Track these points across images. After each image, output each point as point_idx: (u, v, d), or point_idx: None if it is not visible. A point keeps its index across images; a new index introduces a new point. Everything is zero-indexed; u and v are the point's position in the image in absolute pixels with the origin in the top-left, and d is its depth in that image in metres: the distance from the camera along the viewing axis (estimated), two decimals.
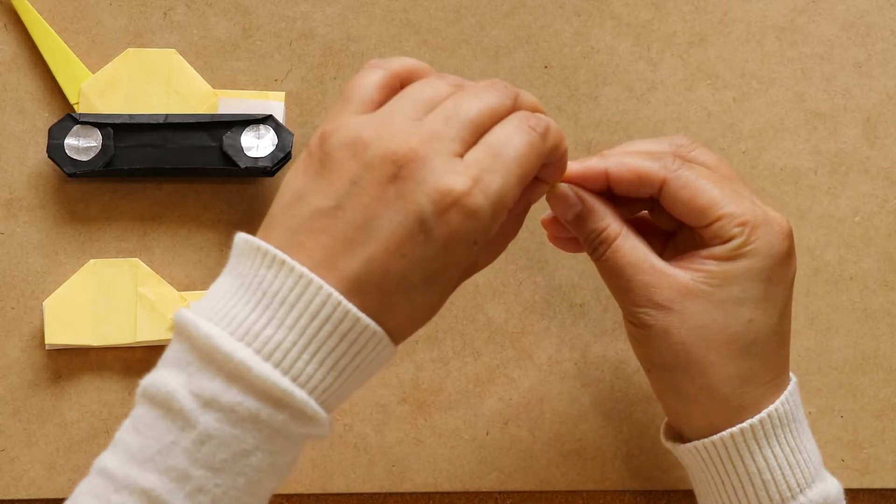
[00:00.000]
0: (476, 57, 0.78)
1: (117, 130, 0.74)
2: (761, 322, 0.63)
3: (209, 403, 0.55)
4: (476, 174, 0.56)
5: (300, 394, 0.55)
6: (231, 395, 0.55)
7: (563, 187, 0.64)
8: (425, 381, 0.75)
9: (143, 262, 0.75)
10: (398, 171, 0.55)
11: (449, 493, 0.75)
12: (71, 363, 0.74)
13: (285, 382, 0.55)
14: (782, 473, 0.63)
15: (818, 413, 0.76)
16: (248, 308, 0.56)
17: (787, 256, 0.63)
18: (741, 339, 0.62)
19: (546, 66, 0.78)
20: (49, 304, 0.73)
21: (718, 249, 0.62)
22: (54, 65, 0.76)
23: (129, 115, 0.74)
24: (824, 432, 0.76)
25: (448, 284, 0.58)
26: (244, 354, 0.55)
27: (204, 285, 0.75)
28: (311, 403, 0.56)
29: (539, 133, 0.58)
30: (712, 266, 0.62)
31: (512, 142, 0.57)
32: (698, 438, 0.64)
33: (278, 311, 0.55)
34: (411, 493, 0.75)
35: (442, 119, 0.57)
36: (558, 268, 0.76)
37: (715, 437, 0.63)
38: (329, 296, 0.55)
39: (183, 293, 0.74)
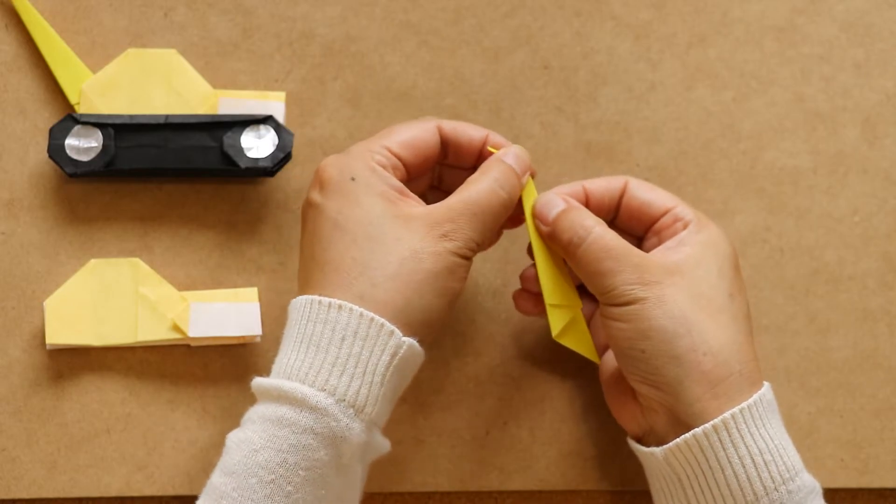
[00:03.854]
0: (476, 57, 0.78)
1: (118, 131, 0.74)
2: (740, 300, 0.67)
3: (241, 424, 0.63)
4: (349, 149, 0.67)
5: (289, 384, 0.61)
6: (252, 409, 0.63)
7: (548, 193, 0.69)
8: (425, 381, 0.75)
9: (144, 261, 0.75)
10: (308, 194, 0.67)
11: (449, 493, 0.75)
12: (72, 363, 0.74)
13: (276, 381, 0.62)
14: (780, 454, 0.64)
15: (818, 413, 0.76)
16: (280, 350, 0.65)
17: (737, 255, 0.69)
18: (728, 310, 0.66)
19: (546, 66, 0.79)
20: (50, 303, 0.73)
21: (684, 234, 0.68)
22: (55, 65, 0.76)
23: (130, 116, 0.74)
24: (824, 432, 0.76)
25: (370, 220, 0.64)
26: (262, 378, 0.63)
27: (204, 285, 0.75)
28: (302, 388, 0.61)
29: (426, 119, 0.69)
30: (687, 250, 0.67)
31: (402, 125, 0.69)
32: (698, 422, 0.64)
33: (286, 338, 0.65)
34: (411, 493, 0.75)
35: None
36: None
37: (734, 410, 0.63)
38: (294, 302, 0.64)
39: (184, 293, 0.74)
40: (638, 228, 0.70)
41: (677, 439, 0.64)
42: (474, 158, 0.70)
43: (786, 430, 0.66)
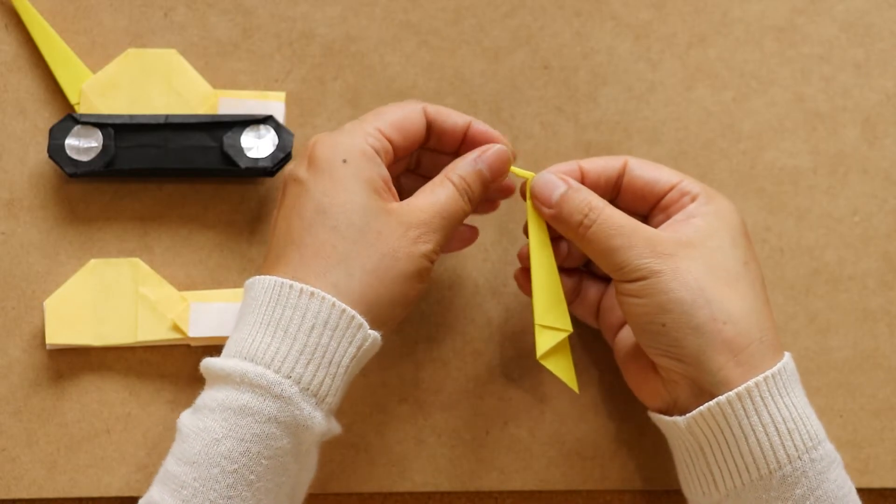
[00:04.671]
0: (476, 57, 0.78)
1: (118, 131, 0.74)
2: (754, 267, 0.66)
3: (195, 409, 0.62)
4: (343, 128, 0.66)
5: (256, 370, 0.61)
6: (208, 394, 0.62)
7: (545, 173, 0.68)
8: (425, 381, 0.75)
9: (144, 261, 0.75)
10: (292, 170, 0.66)
11: (449, 493, 0.75)
12: (71, 363, 0.74)
13: (242, 365, 0.61)
14: (803, 422, 0.64)
15: (818, 413, 0.76)
16: (237, 327, 0.64)
17: (745, 225, 0.68)
18: (744, 278, 0.65)
19: (546, 66, 0.79)
20: (50, 303, 0.73)
21: (693, 207, 0.67)
22: (55, 65, 0.76)
23: (130, 116, 0.74)
24: None
25: (354, 207, 0.64)
26: (211, 361, 0.62)
27: (204, 285, 0.75)
28: (268, 375, 0.60)
29: (422, 104, 0.68)
30: (698, 221, 0.66)
31: (391, 106, 0.68)
32: (722, 390, 0.64)
33: (243, 318, 0.63)
34: (411, 493, 0.75)
35: None
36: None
37: (758, 378, 0.63)
38: (264, 280, 0.63)
39: (183, 293, 0.74)
40: (643, 207, 0.70)
41: (700, 407, 0.64)
42: (456, 144, 0.70)
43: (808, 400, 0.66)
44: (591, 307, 0.73)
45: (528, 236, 0.70)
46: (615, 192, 0.70)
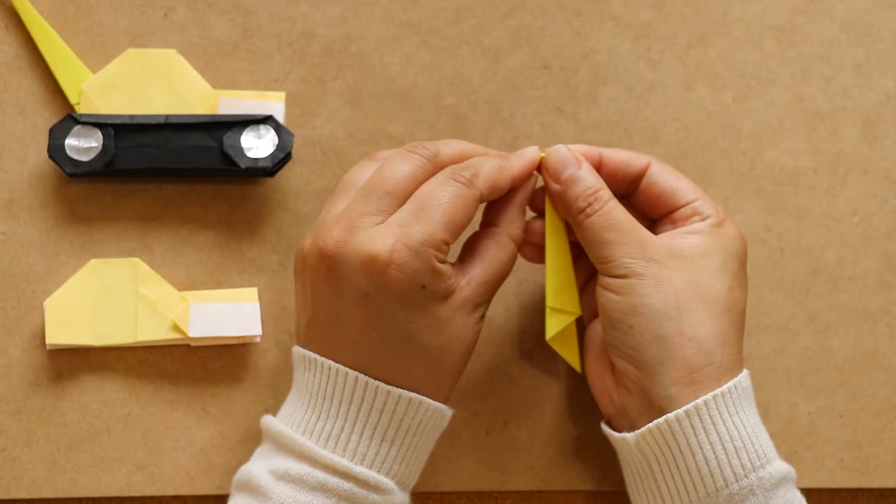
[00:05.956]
0: (476, 57, 0.78)
1: (118, 131, 0.74)
2: (739, 294, 0.67)
3: (282, 477, 0.63)
4: (398, 231, 0.63)
5: (359, 468, 0.63)
6: (300, 468, 0.63)
7: (561, 147, 0.68)
8: None
9: (144, 262, 0.75)
10: (329, 262, 0.63)
11: (449, 493, 0.75)
12: (71, 363, 0.74)
13: (344, 461, 0.63)
14: (752, 441, 0.65)
15: (818, 413, 0.76)
16: (303, 408, 0.65)
17: (746, 255, 0.69)
18: (724, 302, 0.66)
19: (546, 66, 0.79)
20: (50, 303, 0.73)
21: (699, 225, 0.68)
22: (55, 65, 0.76)
23: (130, 116, 0.74)
24: (824, 432, 0.76)
25: (440, 325, 0.64)
26: (306, 441, 0.63)
27: (204, 285, 0.75)
28: (372, 474, 0.63)
29: (464, 182, 0.64)
30: (696, 238, 0.67)
31: (435, 194, 0.64)
32: (671, 406, 0.64)
33: (323, 405, 0.64)
34: (411, 493, 0.75)
35: (361, 198, 0.64)
36: None
37: (707, 396, 0.64)
38: (347, 374, 0.64)
39: (183, 293, 0.74)
40: (653, 213, 0.70)
41: (649, 424, 0.65)
42: None
43: (760, 419, 0.66)
44: (578, 286, 0.73)
45: (535, 211, 0.70)
46: (631, 190, 0.70)
